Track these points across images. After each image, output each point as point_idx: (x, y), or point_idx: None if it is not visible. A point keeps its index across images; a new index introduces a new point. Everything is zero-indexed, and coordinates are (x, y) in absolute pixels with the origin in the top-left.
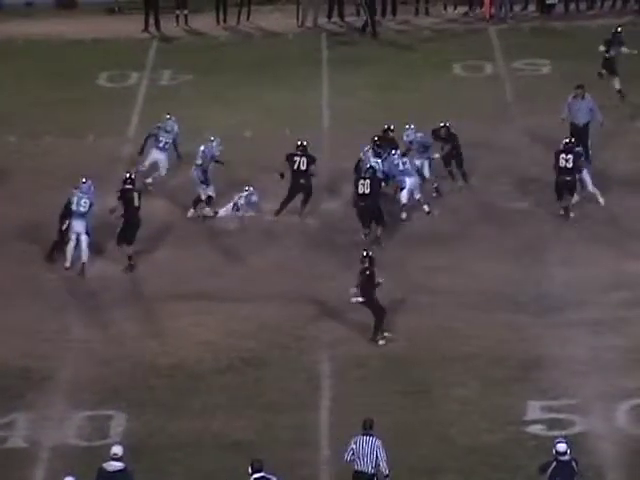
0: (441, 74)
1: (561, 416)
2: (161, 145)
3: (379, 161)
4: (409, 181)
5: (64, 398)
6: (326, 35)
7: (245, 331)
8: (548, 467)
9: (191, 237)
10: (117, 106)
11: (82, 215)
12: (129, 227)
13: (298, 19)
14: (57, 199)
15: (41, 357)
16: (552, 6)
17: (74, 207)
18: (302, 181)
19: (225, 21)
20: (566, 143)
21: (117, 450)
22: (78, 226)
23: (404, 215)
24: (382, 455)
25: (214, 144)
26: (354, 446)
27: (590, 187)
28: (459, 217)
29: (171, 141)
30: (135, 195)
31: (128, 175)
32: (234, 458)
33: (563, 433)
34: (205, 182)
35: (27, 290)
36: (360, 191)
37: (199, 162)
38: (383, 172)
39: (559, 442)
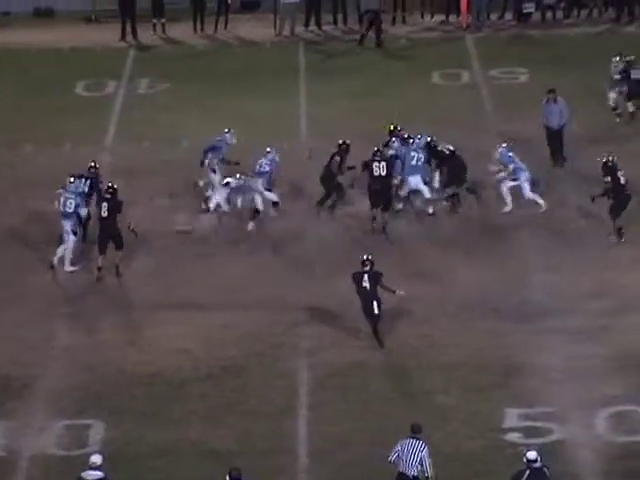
0: (419, 82)
1: (538, 424)
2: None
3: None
4: (413, 180)
5: (44, 406)
6: (303, 44)
7: (224, 339)
8: (521, 476)
9: (171, 246)
10: (95, 115)
11: (68, 215)
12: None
13: (275, 28)
14: (36, 207)
15: (23, 365)
16: (529, 15)
17: (61, 207)
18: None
19: (202, 30)
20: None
21: (96, 459)
22: (66, 225)
23: (430, 209)
24: (427, 459)
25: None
26: (399, 448)
27: (527, 194)
28: (439, 224)
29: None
30: (104, 206)
31: (110, 184)
32: (213, 466)
33: (541, 441)
34: (269, 189)
35: (10, 297)
36: (376, 173)
37: (265, 169)
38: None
39: (529, 450)
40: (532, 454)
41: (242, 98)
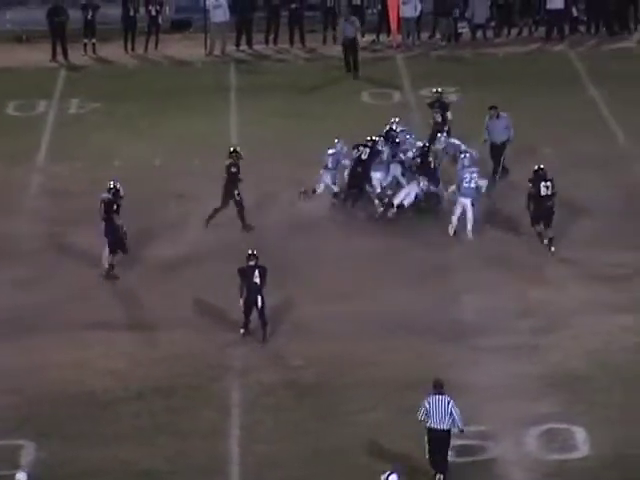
0: (349, 101)
1: (471, 442)
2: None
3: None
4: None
5: None
6: (235, 63)
7: (155, 359)
8: None
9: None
10: (26, 135)
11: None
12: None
13: (206, 47)
14: None
15: None
16: (459, 34)
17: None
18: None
19: (133, 49)
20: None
21: (21, 477)
22: None
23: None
24: (456, 411)
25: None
26: (427, 405)
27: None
28: (366, 242)
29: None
30: (102, 207)
31: (112, 184)
32: None
33: (472, 459)
34: (335, 183)
35: None
36: (363, 157)
37: (330, 165)
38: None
39: (390, 475)
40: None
41: (173, 117)
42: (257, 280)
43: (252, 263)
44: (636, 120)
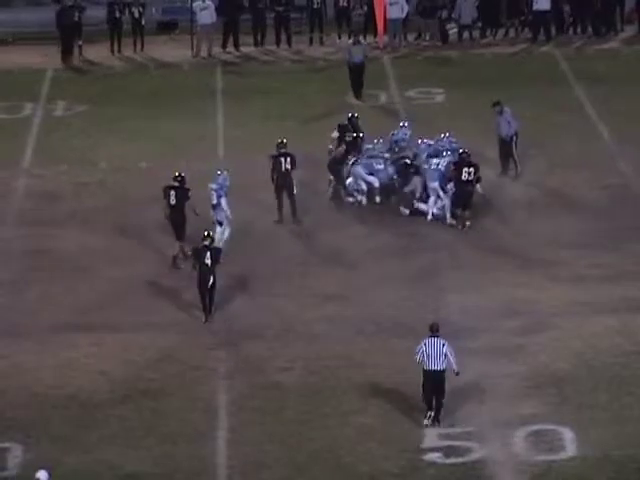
0: (335, 104)
1: (458, 443)
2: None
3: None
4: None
5: None
6: (221, 65)
7: (141, 361)
8: None
9: (86, 267)
10: (12, 137)
11: (213, 207)
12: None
13: (193, 49)
14: None
15: None
16: (447, 35)
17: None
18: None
19: (120, 51)
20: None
21: (41, 476)
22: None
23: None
24: (451, 353)
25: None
26: (424, 347)
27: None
28: (354, 244)
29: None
30: (172, 193)
31: (177, 174)
32: None
33: (460, 460)
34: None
35: None
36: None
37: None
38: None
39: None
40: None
41: (159, 120)
42: (208, 261)
43: (206, 243)
44: (622, 120)
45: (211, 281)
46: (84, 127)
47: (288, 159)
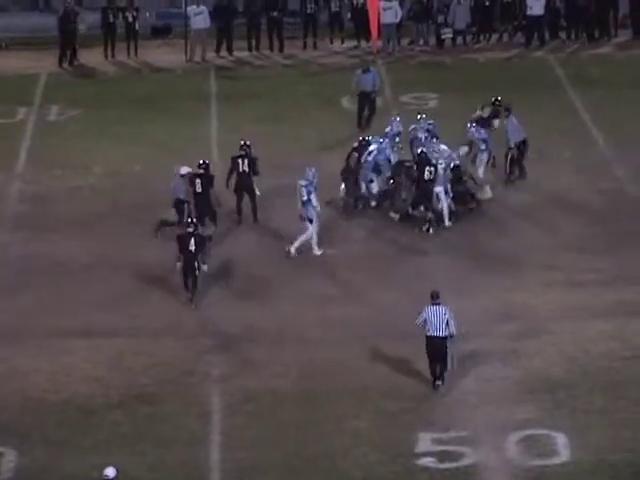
0: (329, 108)
1: (451, 448)
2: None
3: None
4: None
5: None
6: (214, 69)
7: (135, 366)
8: None
9: (81, 271)
10: (5, 142)
11: (303, 203)
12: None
13: (186, 54)
14: None
15: None
16: (442, 40)
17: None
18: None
19: (113, 56)
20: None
21: (109, 472)
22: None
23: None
24: (451, 319)
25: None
26: (425, 315)
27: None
28: (347, 247)
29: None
30: (197, 181)
31: (202, 161)
32: None
33: (454, 465)
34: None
35: None
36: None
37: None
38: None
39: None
40: None
41: (153, 124)
42: (192, 248)
43: (190, 230)
44: (616, 125)
45: (195, 268)
46: (78, 131)
47: (246, 161)
